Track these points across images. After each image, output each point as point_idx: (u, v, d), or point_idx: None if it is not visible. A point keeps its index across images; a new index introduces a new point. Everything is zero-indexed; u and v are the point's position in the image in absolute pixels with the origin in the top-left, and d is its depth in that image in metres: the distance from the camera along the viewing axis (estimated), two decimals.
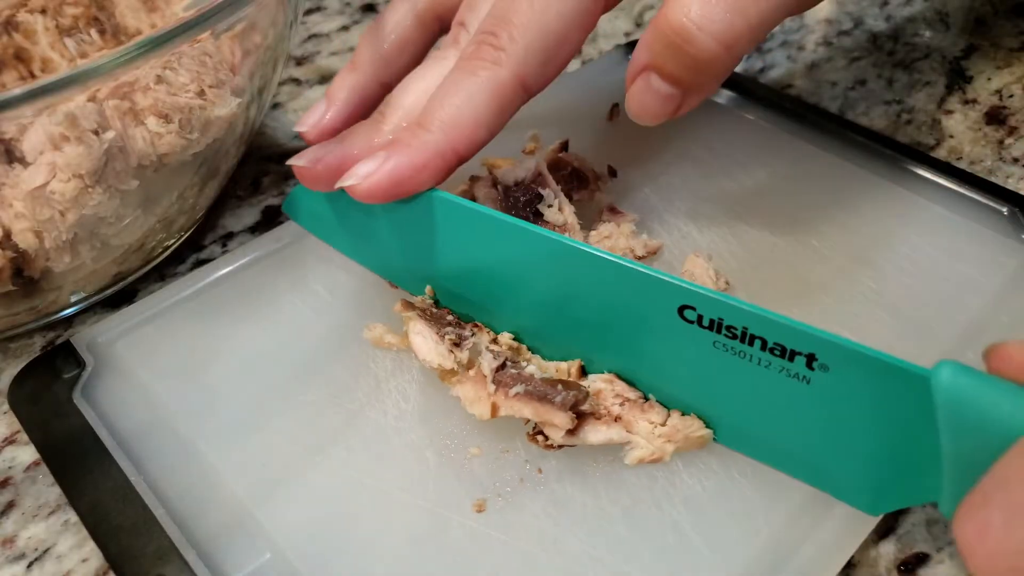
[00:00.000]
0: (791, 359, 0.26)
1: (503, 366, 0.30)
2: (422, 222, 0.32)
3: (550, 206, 0.34)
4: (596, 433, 0.29)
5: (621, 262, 0.28)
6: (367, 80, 0.36)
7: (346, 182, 0.30)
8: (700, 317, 0.27)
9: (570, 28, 0.31)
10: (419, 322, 0.32)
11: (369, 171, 0.29)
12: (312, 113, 0.35)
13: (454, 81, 0.30)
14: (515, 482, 0.29)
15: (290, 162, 0.32)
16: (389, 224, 0.33)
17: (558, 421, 0.28)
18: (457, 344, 0.31)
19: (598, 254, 0.29)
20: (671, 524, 0.28)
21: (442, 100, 0.30)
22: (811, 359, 0.25)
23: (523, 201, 0.35)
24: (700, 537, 0.27)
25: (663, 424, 0.29)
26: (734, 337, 0.26)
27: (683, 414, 0.30)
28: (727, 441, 0.29)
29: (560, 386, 0.29)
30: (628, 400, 0.29)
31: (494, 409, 0.29)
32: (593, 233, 0.36)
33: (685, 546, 0.27)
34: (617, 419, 0.29)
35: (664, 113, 0.31)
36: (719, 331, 0.27)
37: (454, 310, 0.33)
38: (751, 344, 0.26)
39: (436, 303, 0.34)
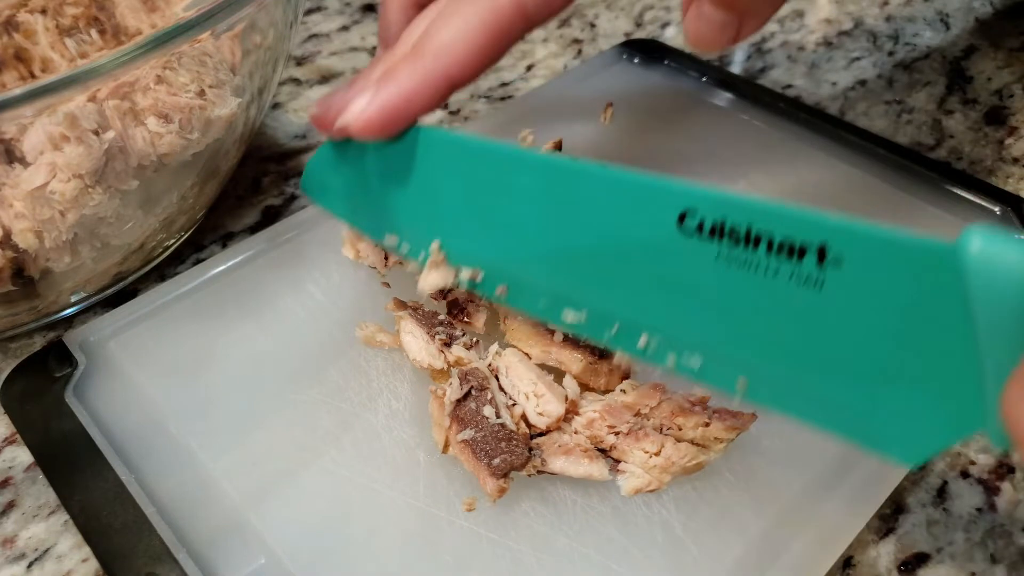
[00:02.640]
0: (800, 258, 0.23)
1: (467, 395, 0.29)
2: (421, 166, 0.30)
3: None
4: (576, 467, 0.28)
5: (614, 171, 0.26)
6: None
7: (343, 121, 0.29)
8: (701, 225, 0.24)
9: None
10: (410, 321, 0.32)
11: (362, 106, 0.29)
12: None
13: (451, 7, 0.29)
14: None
15: (308, 112, 0.32)
16: (390, 177, 0.32)
17: (487, 488, 0.27)
18: (448, 344, 0.31)
19: (592, 168, 0.27)
20: (661, 523, 0.28)
21: (437, 27, 0.29)
22: (822, 254, 0.23)
23: None
24: (690, 536, 0.27)
25: (657, 454, 0.28)
26: (738, 243, 0.24)
27: (692, 372, 0.26)
28: (734, 388, 0.26)
29: (508, 443, 0.28)
30: (620, 432, 0.29)
31: (446, 444, 0.29)
32: None
33: (675, 544, 0.27)
34: (612, 448, 0.29)
35: (720, 41, 0.30)
36: (722, 237, 0.24)
37: (461, 264, 0.31)
38: (756, 247, 0.24)
39: (446, 260, 0.31)
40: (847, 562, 0.28)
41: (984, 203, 0.39)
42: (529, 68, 0.54)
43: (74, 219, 0.30)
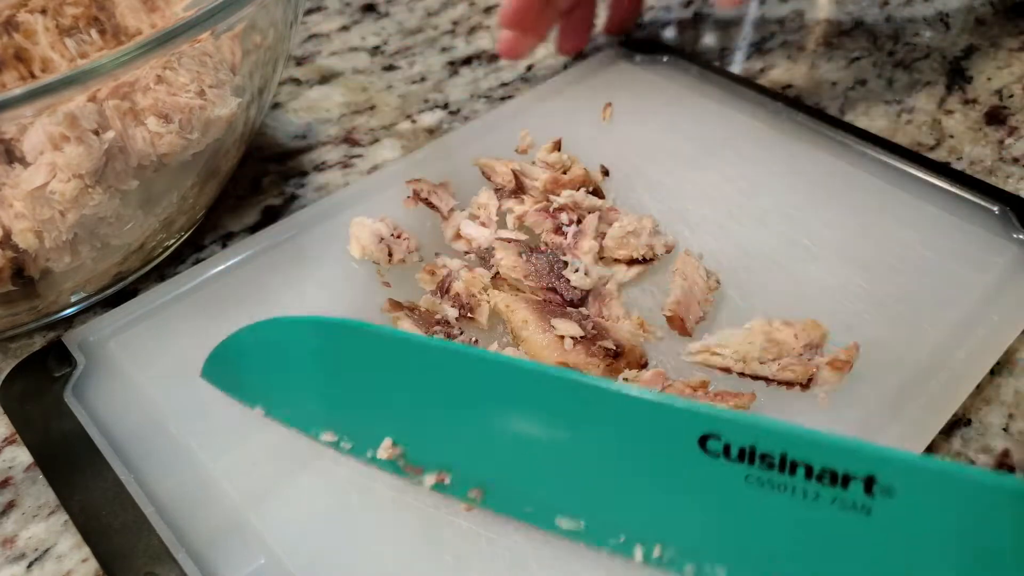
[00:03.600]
0: (844, 485, 0.21)
1: None
2: (368, 363, 0.28)
3: (576, 270, 0.34)
4: None
5: (629, 393, 0.24)
6: None
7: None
8: (727, 448, 0.22)
9: None
10: (407, 321, 0.32)
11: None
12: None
13: None
14: None
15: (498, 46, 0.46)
16: (327, 371, 0.29)
17: None
18: None
19: (601, 386, 0.24)
20: None
21: None
22: (870, 483, 0.21)
23: (547, 268, 0.34)
24: None
25: None
26: (771, 467, 0.22)
27: None
28: None
29: None
30: None
31: None
32: (616, 226, 0.36)
33: None
34: None
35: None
36: (751, 462, 0.22)
37: (421, 464, 0.28)
38: (793, 473, 0.22)
39: (404, 456, 0.28)
40: None
41: (984, 203, 0.39)
42: (529, 68, 0.54)
43: (74, 219, 0.30)
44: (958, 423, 0.32)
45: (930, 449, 0.31)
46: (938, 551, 0.21)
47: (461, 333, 0.32)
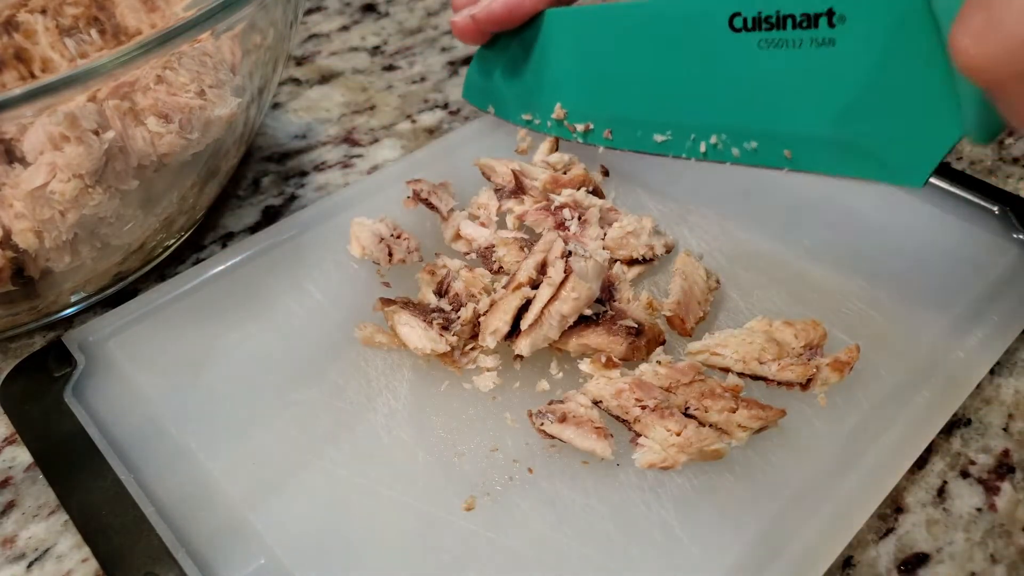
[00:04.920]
0: (816, 24, 0.30)
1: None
2: (543, 44, 0.40)
3: (583, 257, 0.33)
4: (583, 440, 0.29)
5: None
6: None
7: (473, 11, 0.40)
8: (746, 21, 0.32)
9: None
10: (403, 313, 0.32)
11: (487, 2, 0.40)
12: None
13: None
14: (504, 481, 0.29)
15: (451, 19, 0.42)
16: (521, 61, 0.41)
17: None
18: (446, 327, 0.31)
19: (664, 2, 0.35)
20: (660, 523, 0.28)
21: None
22: (831, 14, 0.29)
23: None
24: (688, 535, 0.27)
25: (678, 434, 0.29)
26: (771, 27, 0.31)
27: (733, 142, 0.34)
28: (783, 161, 0.33)
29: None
30: (647, 407, 0.29)
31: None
32: (616, 226, 0.36)
33: (674, 544, 0.27)
34: (635, 421, 0.29)
35: None
36: (761, 27, 0.31)
37: (576, 121, 0.40)
38: (785, 27, 0.31)
39: (562, 122, 0.40)
40: (847, 562, 0.28)
41: (984, 203, 0.39)
42: None
43: (74, 219, 0.30)
44: (958, 423, 0.32)
45: (930, 449, 0.31)
46: (879, 59, 0.29)
47: (459, 319, 0.32)
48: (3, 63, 0.35)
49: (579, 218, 0.36)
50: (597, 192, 0.39)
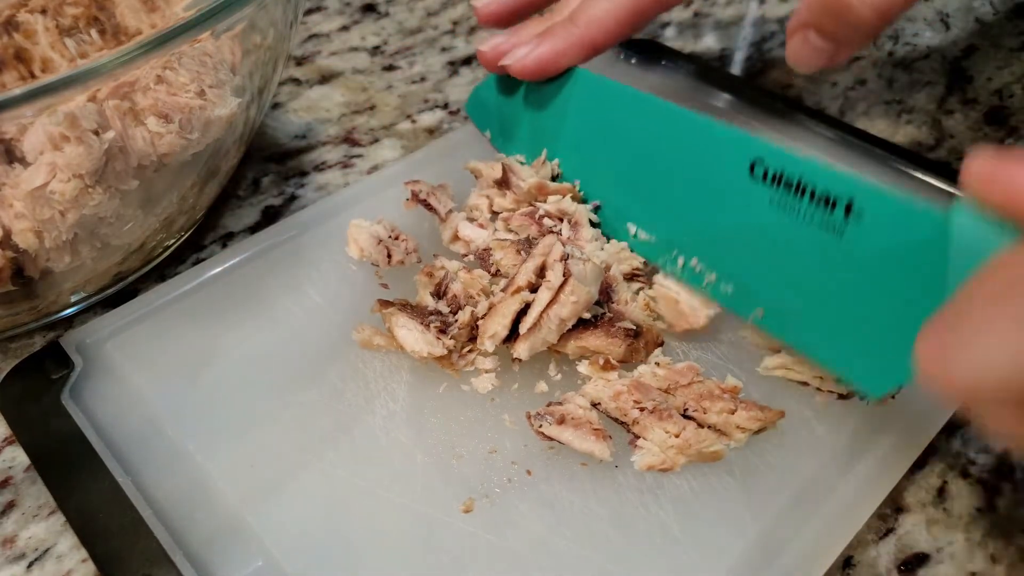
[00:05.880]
0: (832, 208, 0.28)
1: None
2: (560, 96, 0.39)
3: (580, 259, 0.34)
4: (582, 442, 0.29)
5: (701, 118, 0.33)
6: None
7: (505, 61, 0.38)
8: (766, 172, 0.30)
9: None
10: (400, 315, 0.32)
11: (523, 54, 0.38)
12: None
13: None
14: (503, 483, 0.29)
15: (476, 46, 0.41)
16: (537, 104, 0.40)
17: None
18: (443, 331, 0.31)
19: (696, 116, 0.34)
20: (659, 524, 0.28)
21: (592, 2, 0.38)
22: (849, 207, 0.28)
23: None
24: (688, 537, 0.27)
25: (677, 435, 0.29)
26: (789, 189, 0.30)
27: (718, 283, 0.32)
28: (754, 316, 0.31)
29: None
30: (645, 408, 0.29)
31: None
32: (613, 241, 0.36)
33: (673, 545, 0.27)
34: (634, 423, 0.29)
35: (817, 64, 0.36)
36: (779, 184, 0.30)
37: (568, 178, 0.39)
38: (801, 195, 0.29)
39: (554, 178, 0.40)
40: (847, 562, 0.28)
41: None
42: None
43: (74, 219, 0.30)
44: (958, 423, 0.32)
45: (930, 449, 0.31)
46: (880, 273, 0.27)
47: (456, 322, 0.32)
48: (3, 63, 0.35)
49: (569, 221, 0.37)
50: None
